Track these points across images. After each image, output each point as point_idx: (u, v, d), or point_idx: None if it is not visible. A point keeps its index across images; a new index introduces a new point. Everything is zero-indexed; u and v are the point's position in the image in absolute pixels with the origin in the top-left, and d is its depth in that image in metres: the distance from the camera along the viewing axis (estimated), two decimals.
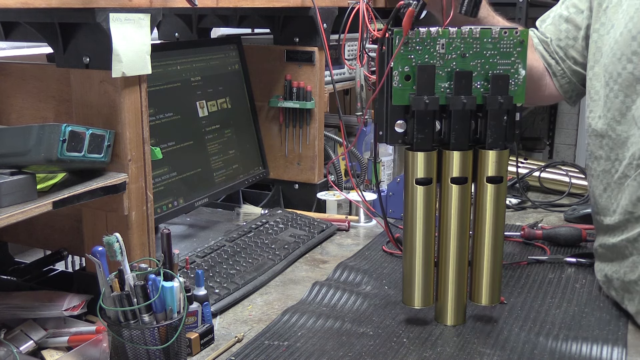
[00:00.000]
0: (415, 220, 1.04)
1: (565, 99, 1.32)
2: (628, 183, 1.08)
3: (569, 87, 1.29)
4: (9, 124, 1.16)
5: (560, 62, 1.27)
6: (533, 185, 1.85)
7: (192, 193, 1.43)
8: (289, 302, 1.18)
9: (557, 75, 1.28)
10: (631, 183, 1.07)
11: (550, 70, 1.29)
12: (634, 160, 1.07)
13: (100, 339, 0.99)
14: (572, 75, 1.28)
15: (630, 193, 1.08)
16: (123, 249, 0.92)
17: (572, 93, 1.29)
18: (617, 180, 1.10)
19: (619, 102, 1.10)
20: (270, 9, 1.58)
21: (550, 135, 3.81)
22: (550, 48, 1.28)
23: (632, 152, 1.07)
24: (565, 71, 1.28)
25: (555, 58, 1.28)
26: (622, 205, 1.09)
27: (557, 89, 1.30)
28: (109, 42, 1.01)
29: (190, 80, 1.47)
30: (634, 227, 1.08)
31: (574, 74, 1.28)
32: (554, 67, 1.28)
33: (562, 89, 1.29)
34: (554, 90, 1.30)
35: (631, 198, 1.07)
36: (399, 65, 1.00)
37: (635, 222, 1.08)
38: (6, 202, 0.90)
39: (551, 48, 1.28)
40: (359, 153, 1.74)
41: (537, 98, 1.34)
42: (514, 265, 1.33)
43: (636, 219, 1.07)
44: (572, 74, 1.28)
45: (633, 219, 1.08)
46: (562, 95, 1.31)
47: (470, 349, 1.02)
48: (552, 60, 1.28)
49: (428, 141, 1.02)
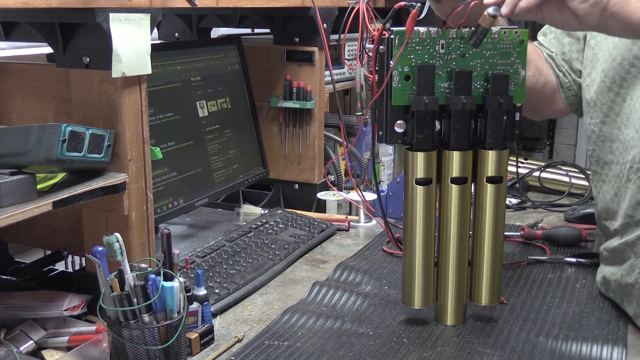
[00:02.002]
0: (415, 220, 1.04)
1: (572, 111, 1.32)
2: (629, 186, 1.08)
3: (574, 99, 1.29)
4: (9, 124, 1.16)
5: (567, 75, 1.28)
6: (533, 185, 1.85)
7: (192, 193, 1.43)
8: (289, 302, 1.18)
9: (564, 88, 1.28)
10: (631, 187, 1.07)
11: (559, 83, 1.29)
12: (634, 163, 1.07)
13: (100, 339, 0.99)
14: (578, 88, 1.28)
15: (631, 196, 1.07)
16: (123, 249, 0.92)
17: (577, 106, 1.29)
18: (624, 184, 1.10)
19: (626, 107, 1.10)
20: (270, 9, 1.58)
21: (550, 135, 3.81)
22: (557, 62, 1.28)
23: (632, 155, 1.07)
24: (572, 84, 1.28)
25: (563, 71, 1.28)
26: (624, 209, 1.09)
27: (564, 102, 1.30)
28: (109, 42, 1.01)
29: (190, 80, 1.47)
30: (633, 231, 1.08)
31: (580, 86, 1.28)
32: (562, 79, 1.28)
33: (568, 101, 1.29)
34: (562, 104, 1.31)
35: (631, 202, 1.07)
36: (399, 65, 1.00)
37: (635, 225, 1.07)
38: (6, 202, 0.90)
39: (557, 62, 1.28)
40: (359, 153, 1.74)
41: (550, 112, 1.34)
42: (514, 265, 1.33)
43: (636, 222, 1.07)
44: (577, 87, 1.28)
45: (633, 222, 1.08)
46: (568, 107, 1.31)
47: (470, 349, 1.02)
48: (560, 73, 1.28)
49: (428, 141, 1.02)
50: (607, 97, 1.14)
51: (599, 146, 1.16)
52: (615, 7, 0.91)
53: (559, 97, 1.29)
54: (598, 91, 1.15)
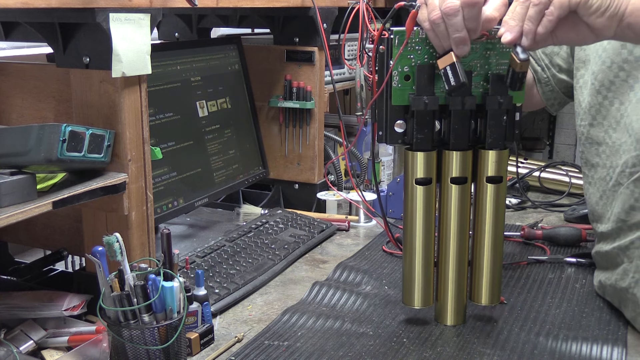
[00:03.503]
0: (415, 220, 1.04)
1: (547, 106, 1.32)
2: (621, 191, 1.08)
3: (551, 94, 1.29)
4: (9, 124, 1.17)
5: (546, 70, 1.28)
6: (533, 185, 1.85)
7: (192, 193, 1.43)
8: (289, 302, 1.18)
9: (542, 83, 1.29)
10: (624, 191, 1.07)
11: (536, 77, 1.29)
12: (626, 168, 1.07)
13: (100, 339, 0.99)
14: (556, 83, 1.28)
15: (622, 201, 1.07)
16: (123, 249, 0.92)
17: (554, 101, 1.30)
18: (612, 187, 1.10)
19: (614, 110, 1.10)
20: (270, 9, 1.58)
21: (550, 135, 3.81)
22: (536, 55, 1.28)
23: (625, 159, 1.07)
24: (550, 79, 1.28)
25: (542, 65, 1.28)
26: (615, 213, 1.09)
27: (540, 96, 1.30)
28: (109, 42, 1.01)
29: (190, 80, 1.47)
30: (626, 235, 1.08)
31: (558, 82, 1.29)
32: (539, 74, 1.29)
33: (545, 96, 1.29)
34: (539, 98, 1.31)
35: (623, 206, 1.07)
36: (399, 65, 1.00)
37: (628, 230, 1.07)
38: (6, 202, 0.90)
39: (537, 55, 1.28)
40: (359, 153, 1.74)
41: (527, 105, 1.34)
42: (514, 265, 1.33)
43: (629, 227, 1.07)
44: (556, 82, 1.28)
45: (625, 227, 1.08)
46: (545, 102, 1.31)
47: (470, 349, 1.02)
48: (539, 68, 1.29)
49: (428, 141, 1.02)
50: (595, 100, 1.13)
51: (587, 148, 1.16)
52: (631, 18, 0.90)
53: (536, 91, 1.30)
54: (589, 93, 1.15)
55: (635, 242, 1.06)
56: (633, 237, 1.06)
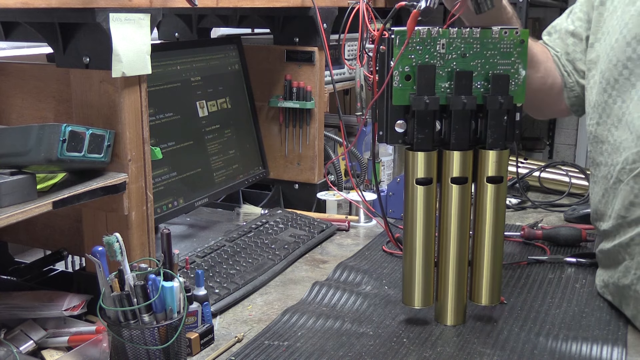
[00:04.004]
0: (415, 220, 1.04)
1: (572, 112, 1.32)
2: (621, 188, 1.08)
3: (576, 100, 1.29)
4: (9, 124, 1.16)
5: (571, 75, 1.28)
6: (533, 185, 1.85)
7: (192, 193, 1.43)
8: (289, 302, 1.18)
9: (568, 88, 1.29)
10: (624, 188, 1.07)
11: (564, 83, 1.29)
12: (626, 164, 1.07)
13: (100, 339, 0.99)
14: (581, 89, 1.28)
15: (622, 198, 1.07)
16: (123, 249, 0.92)
17: (578, 107, 1.30)
18: (612, 185, 1.10)
19: (617, 108, 1.10)
20: (270, 9, 1.58)
21: (550, 135, 3.81)
22: (561, 62, 1.28)
23: (625, 156, 1.07)
24: (575, 85, 1.28)
25: (567, 71, 1.28)
26: (615, 210, 1.09)
27: (566, 102, 1.30)
28: (109, 42, 1.01)
29: (190, 80, 1.47)
30: (626, 232, 1.08)
31: (582, 88, 1.28)
32: (566, 79, 1.28)
33: (570, 101, 1.29)
34: (565, 104, 1.31)
35: (624, 203, 1.07)
36: (400, 65, 1.00)
37: (628, 226, 1.07)
38: (6, 202, 0.90)
39: (562, 62, 1.28)
40: (359, 153, 1.74)
41: (554, 112, 1.35)
42: (514, 265, 1.33)
43: (628, 223, 1.07)
44: (580, 88, 1.28)
45: (625, 223, 1.08)
46: (569, 107, 1.31)
47: (470, 349, 1.02)
48: (565, 74, 1.28)
49: (428, 141, 1.02)
50: (601, 99, 1.14)
51: (594, 147, 1.17)
52: None
53: (563, 97, 1.30)
54: (597, 92, 1.16)
55: (635, 239, 1.06)
56: (633, 234, 1.06)
